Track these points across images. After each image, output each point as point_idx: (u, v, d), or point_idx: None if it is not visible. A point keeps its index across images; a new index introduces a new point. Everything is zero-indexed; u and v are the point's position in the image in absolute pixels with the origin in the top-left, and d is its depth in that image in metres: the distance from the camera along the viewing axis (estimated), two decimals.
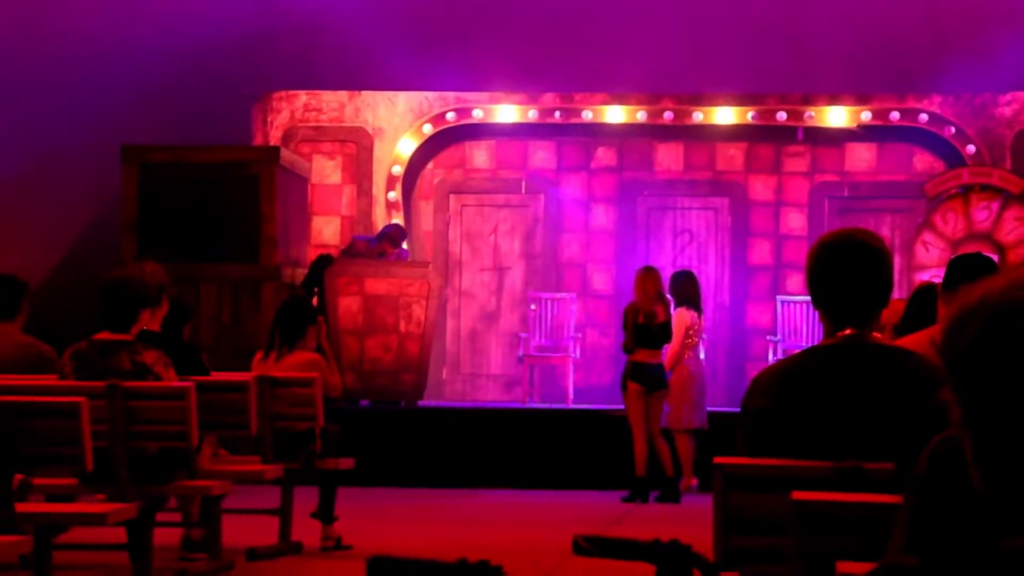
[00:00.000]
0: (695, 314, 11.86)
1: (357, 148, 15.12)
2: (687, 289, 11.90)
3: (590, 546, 1.99)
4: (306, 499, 8.63)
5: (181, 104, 14.37)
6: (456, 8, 14.90)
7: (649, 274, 11.74)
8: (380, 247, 13.79)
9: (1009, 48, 14.42)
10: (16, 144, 14.81)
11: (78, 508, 6.69)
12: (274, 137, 15.02)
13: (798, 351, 3.77)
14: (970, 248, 12.21)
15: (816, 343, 3.69)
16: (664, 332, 11.57)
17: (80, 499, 7.13)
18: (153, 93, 14.34)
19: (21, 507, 5.87)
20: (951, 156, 14.65)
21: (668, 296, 11.86)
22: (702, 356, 12.27)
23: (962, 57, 14.54)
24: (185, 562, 7.64)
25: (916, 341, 4.74)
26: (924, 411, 3.21)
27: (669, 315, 11.64)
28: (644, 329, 11.50)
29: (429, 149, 15.19)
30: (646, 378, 11.49)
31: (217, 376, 8.01)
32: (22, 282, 7.95)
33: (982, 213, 13.90)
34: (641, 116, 14.89)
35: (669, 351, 11.68)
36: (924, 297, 5.93)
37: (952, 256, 6.35)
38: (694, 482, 11.72)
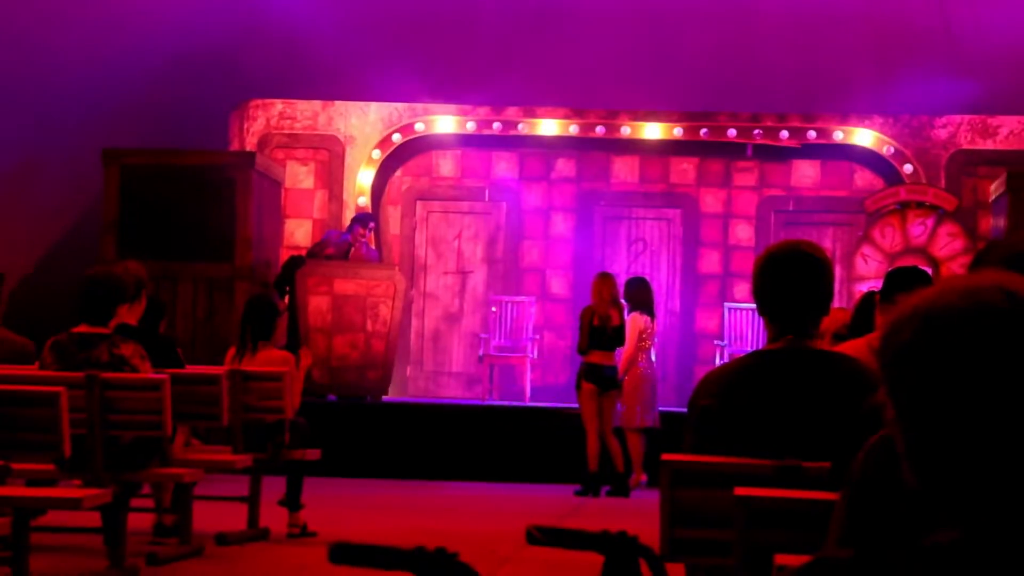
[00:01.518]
0: (648, 319, 11.87)
1: (329, 155, 15.08)
2: (641, 295, 11.91)
3: (542, 536, 1.98)
4: (274, 488, 8.59)
5: (161, 110, 14.29)
6: (426, 24, 14.88)
7: (605, 280, 11.76)
8: (352, 235, 13.71)
9: (945, 74, 14.53)
10: (1, 147, 14.69)
11: (55, 493, 6.63)
12: (250, 143, 14.96)
13: (743, 355, 3.77)
14: (906, 261, 12.27)
15: (760, 348, 3.70)
16: (618, 335, 11.58)
17: (57, 484, 7.07)
18: (134, 99, 14.25)
19: (0, 491, 5.82)
20: (890, 174, 14.74)
21: (622, 301, 11.88)
22: (654, 358, 12.30)
23: (902, 81, 14.65)
24: (157, 546, 7.59)
25: (853, 347, 4.75)
26: (858, 412, 3.22)
27: (623, 319, 11.65)
28: (599, 331, 11.51)
29: (398, 157, 15.17)
30: (599, 378, 11.50)
31: (191, 369, 7.97)
32: None
33: (918, 228, 13.99)
34: (599, 130, 14.91)
35: (623, 354, 11.68)
36: (866, 306, 5.94)
37: (889, 268, 6.38)
38: (643, 478, 11.73)
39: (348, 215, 14.90)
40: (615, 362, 11.61)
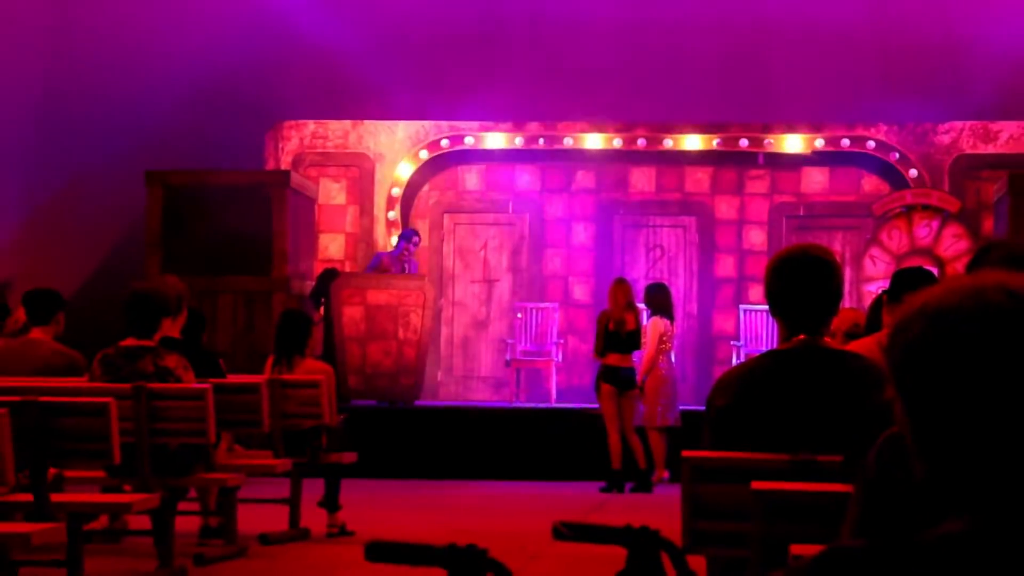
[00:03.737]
0: (668, 322, 11.85)
1: (360, 172, 15.11)
2: (661, 299, 11.89)
3: (568, 531, 1.98)
4: (313, 490, 8.61)
5: (201, 132, 14.36)
6: (450, 46, 14.91)
7: (620, 285, 11.74)
8: (401, 251, 13.76)
9: (947, 82, 14.47)
10: (51, 169, 14.78)
11: (106, 498, 6.66)
12: (285, 162, 15.01)
13: (757, 355, 3.76)
14: (913, 262, 12.22)
15: (773, 347, 3.69)
16: (632, 338, 11.55)
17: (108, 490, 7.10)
18: (175, 123, 14.33)
19: (55, 497, 5.85)
20: (896, 179, 14.68)
21: (642, 305, 11.85)
22: (673, 360, 12.26)
23: (905, 90, 14.59)
24: (203, 547, 7.62)
25: (862, 345, 4.73)
26: (869, 408, 3.21)
27: (638, 323, 11.63)
28: (614, 335, 11.49)
29: (425, 173, 15.19)
30: (617, 380, 11.47)
31: (232, 379, 7.99)
32: (60, 297, 7.97)
33: (923, 230, 13.93)
34: (617, 143, 14.90)
35: (644, 356, 11.65)
36: (879, 306, 5.91)
37: (896, 269, 6.35)
38: (666, 475, 11.69)
39: (379, 229, 14.95)
40: (632, 364, 11.59)
